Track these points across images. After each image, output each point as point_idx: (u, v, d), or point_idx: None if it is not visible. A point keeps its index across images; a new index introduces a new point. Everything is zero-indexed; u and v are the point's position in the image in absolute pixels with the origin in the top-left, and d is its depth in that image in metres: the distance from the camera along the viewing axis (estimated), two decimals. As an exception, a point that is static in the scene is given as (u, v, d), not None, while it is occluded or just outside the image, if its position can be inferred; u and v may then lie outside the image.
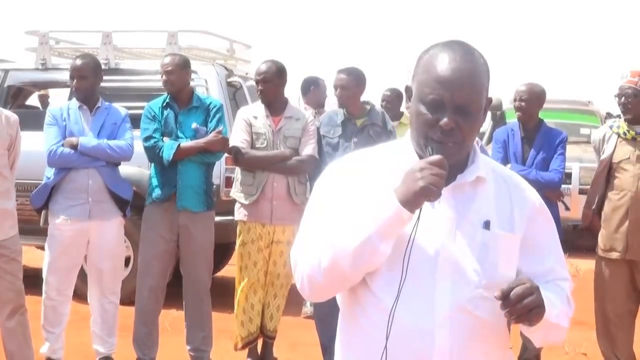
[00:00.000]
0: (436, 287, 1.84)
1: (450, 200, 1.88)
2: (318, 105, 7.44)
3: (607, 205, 4.77)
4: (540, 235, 1.97)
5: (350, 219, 1.82)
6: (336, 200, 1.90)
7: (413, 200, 1.76)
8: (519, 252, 1.94)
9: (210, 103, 5.14)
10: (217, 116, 5.05)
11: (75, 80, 4.95)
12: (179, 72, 5.02)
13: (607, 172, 4.79)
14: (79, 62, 5.00)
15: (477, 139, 5.64)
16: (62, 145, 4.87)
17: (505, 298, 1.78)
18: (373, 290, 1.87)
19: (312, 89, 7.46)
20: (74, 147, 4.86)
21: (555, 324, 1.89)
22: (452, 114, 1.81)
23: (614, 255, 4.73)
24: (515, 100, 5.33)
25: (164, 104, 5.06)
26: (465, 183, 1.90)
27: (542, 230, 1.98)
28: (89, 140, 4.89)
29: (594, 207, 4.87)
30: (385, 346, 1.82)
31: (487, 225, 1.88)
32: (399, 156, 1.93)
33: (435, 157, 1.78)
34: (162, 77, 5.06)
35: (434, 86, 1.83)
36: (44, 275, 4.98)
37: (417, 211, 1.79)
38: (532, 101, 5.24)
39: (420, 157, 1.86)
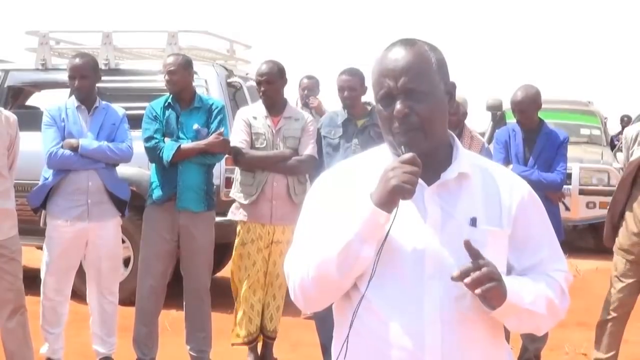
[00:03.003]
0: (424, 287, 1.84)
1: (435, 198, 1.89)
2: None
3: (630, 208, 4.67)
4: (531, 228, 1.96)
5: (333, 227, 1.85)
6: (323, 212, 1.92)
7: (388, 200, 1.79)
8: (510, 247, 1.94)
9: (212, 104, 5.13)
10: (219, 117, 5.04)
11: (76, 80, 4.92)
12: (181, 73, 5.01)
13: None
14: (78, 61, 4.97)
15: (483, 140, 5.61)
16: (62, 146, 4.86)
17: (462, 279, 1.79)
18: (360, 290, 1.88)
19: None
20: (74, 149, 4.84)
21: (528, 310, 1.88)
22: (403, 100, 1.85)
23: (630, 257, 4.70)
24: (513, 111, 5.29)
25: (166, 104, 5.05)
26: (449, 181, 1.90)
27: (532, 223, 1.97)
28: (89, 142, 4.88)
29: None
30: (347, 339, 1.85)
31: (473, 222, 1.88)
32: (381, 161, 1.93)
33: (406, 155, 1.81)
34: (164, 77, 5.05)
35: (381, 81, 1.89)
36: (42, 276, 4.97)
37: (394, 210, 1.80)
38: (530, 107, 5.19)
39: None
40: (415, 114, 1.85)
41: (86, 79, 4.92)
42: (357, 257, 1.81)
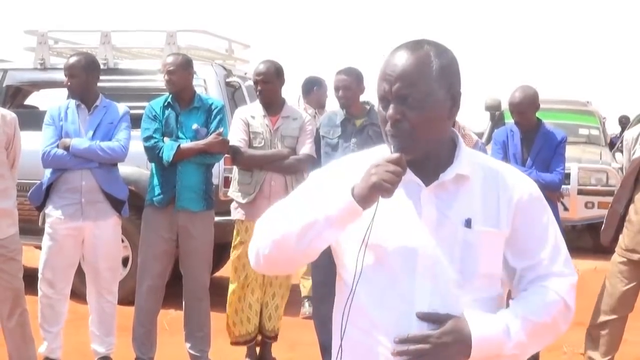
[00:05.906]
0: (415, 287, 1.85)
1: (432, 199, 1.89)
2: (319, 105, 7.43)
3: (634, 206, 4.63)
4: (531, 228, 1.94)
5: (308, 203, 1.87)
6: (307, 191, 1.94)
7: (366, 195, 1.79)
8: (510, 247, 1.93)
9: (212, 104, 5.13)
10: (218, 117, 5.05)
11: (66, 79, 4.96)
12: (181, 72, 5.01)
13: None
14: (70, 60, 5.01)
15: (476, 138, 5.60)
16: (57, 146, 4.87)
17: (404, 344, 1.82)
18: (350, 287, 1.88)
19: (314, 89, 7.45)
20: (68, 148, 4.86)
21: (510, 355, 1.86)
22: (396, 106, 1.85)
23: (635, 257, 4.63)
24: (512, 112, 5.28)
25: (166, 103, 5.05)
26: (447, 181, 1.90)
27: (533, 222, 1.94)
28: (80, 142, 4.88)
29: (621, 210, 4.69)
30: (340, 345, 1.87)
31: (468, 223, 1.88)
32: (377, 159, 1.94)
33: (393, 155, 1.82)
34: (164, 76, 5.05)
35: (379, 83, 1.90)
36: (39, 273, 4.97)
37: (374, 207, 1.80)
38: (529, 108, 5.17)
39: None
40: (407, 120, 1.85)
41: (75, 78, 4.94)
42: (316, 237, 1.83)
